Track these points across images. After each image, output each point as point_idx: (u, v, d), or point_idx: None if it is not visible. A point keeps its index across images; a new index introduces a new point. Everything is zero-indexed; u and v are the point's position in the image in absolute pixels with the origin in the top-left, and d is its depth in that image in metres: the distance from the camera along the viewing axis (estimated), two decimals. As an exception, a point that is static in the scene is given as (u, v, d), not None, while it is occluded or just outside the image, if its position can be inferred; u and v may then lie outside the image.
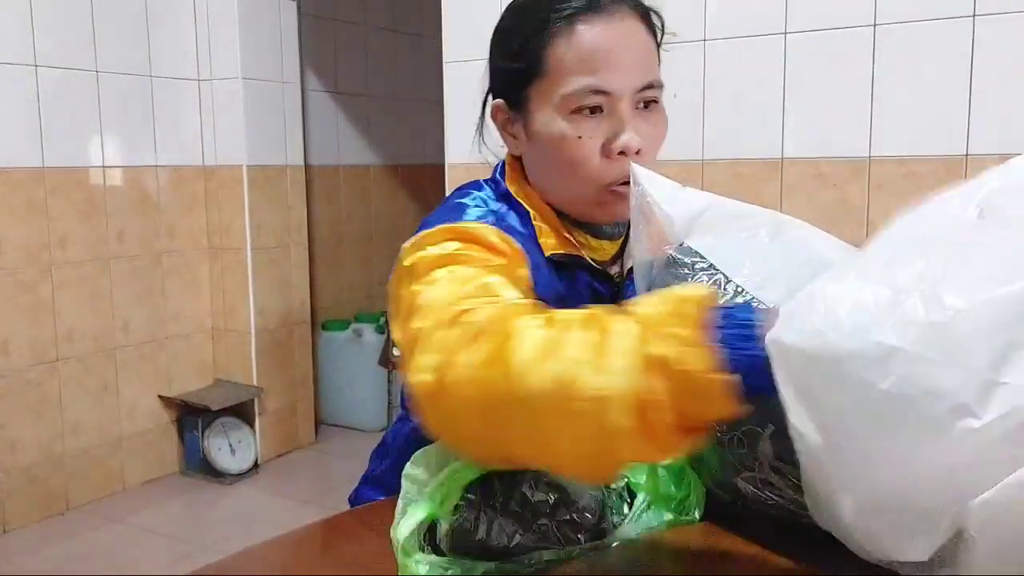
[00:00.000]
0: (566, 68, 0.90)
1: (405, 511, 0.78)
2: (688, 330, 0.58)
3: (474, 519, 0.75)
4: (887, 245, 0.74)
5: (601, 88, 0.90)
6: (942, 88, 1.97)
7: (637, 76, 0.91)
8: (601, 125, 0.91)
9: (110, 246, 3.17)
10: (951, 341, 0.59)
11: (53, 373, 3.01)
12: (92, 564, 2.67)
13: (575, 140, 0.91)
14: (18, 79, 2.84)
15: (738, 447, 0.73)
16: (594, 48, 0.90)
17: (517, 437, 0.63)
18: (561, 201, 0.98)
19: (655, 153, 0.96)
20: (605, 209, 0.95)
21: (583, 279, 0.99)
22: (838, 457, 0.66)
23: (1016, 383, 0.57)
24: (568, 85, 0.90)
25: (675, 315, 0.59)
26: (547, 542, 0.75)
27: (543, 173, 0.98)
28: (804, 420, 0.67)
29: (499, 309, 0.68)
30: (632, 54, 0.91)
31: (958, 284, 0.61)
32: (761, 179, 2.21)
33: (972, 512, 0.59)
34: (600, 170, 0.92)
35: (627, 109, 0.91)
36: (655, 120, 0.95)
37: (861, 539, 0.66)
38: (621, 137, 0.91)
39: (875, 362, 0.62)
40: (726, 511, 0.79)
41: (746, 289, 0.76)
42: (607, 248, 1.01)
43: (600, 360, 0.59)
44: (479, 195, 0.99)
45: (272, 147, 3.47)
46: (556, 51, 0.91)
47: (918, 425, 0.60)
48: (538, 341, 0.62)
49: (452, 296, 0.73)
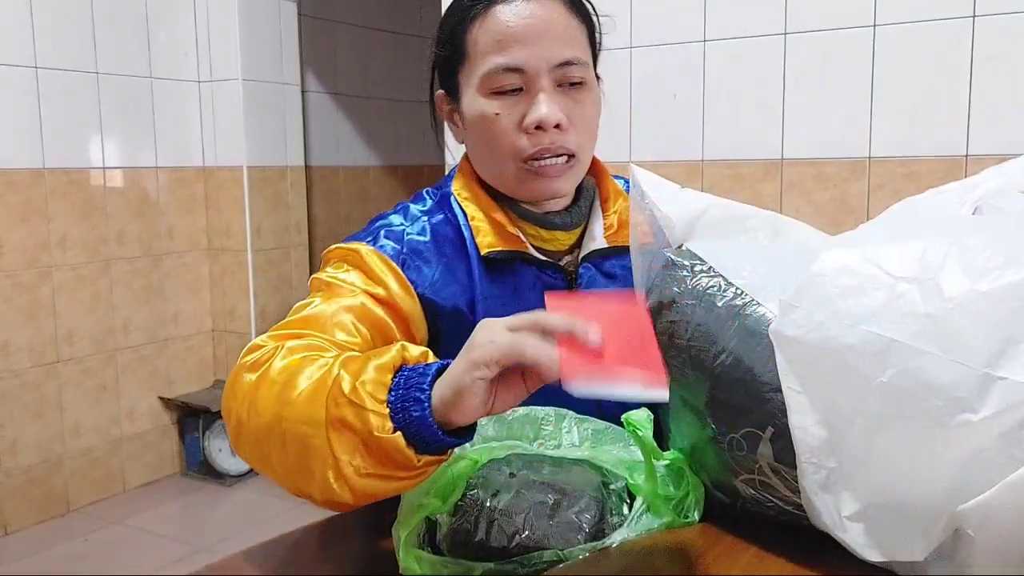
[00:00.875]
0: (482, 49, 0.92)
1: (408, 509, 0.78)
2: (371, 394, 0.68)
3: (474, 520, 0.75)
4: (888, 231, 0.74)
5: (513, 66, 0.90)
6: (942, 88, 1.97)
7: (552, 52, 0.90)
8: (519, 103, 0.92)
9: (110, 247, 3.17)
10: (949, 334, 0.59)
11: (53, 374, 3.01)
12: (92, 565, 2.67)
13: (493, 117, 0.92)
14: (18, 80, 2.84)
15: (737, 449, 0.73)
16: (507, 27, 0.90)
17: (272, 471, 0.76)
18: (494, 183, 0.98)
19: (588, 133, 0.96)
20: (526, 187, 0.95)
21: (528, 274, 0.97)
22: (837, 452, 0.66)
23: (1013, 378, 0.57)
24: (484, 65, 0.92)
25: (370, 380, 0.69)
26: (547, 543, 0.75)
27: (476, 156, 0.99)
28: (804, 414, 0.67)
29: (295, 361, 0.76)
30: (547, 32, 0.91)
31: (958, 274, 0.61)
32: (761, 179, 2.21)
33: (970, 511, 0.59)
34: (516, 146, 0.92)
35: (545, 85, 0.91)
36: (581, 98, 0.94)
37: (859, 538, 0.66)
38: (534, 110, 0.90)
39: (874, 355, 0.62)
40: (725, 512, 0.79)
41: (746, 292, 0.75)
42: (561, 239, 1.00)
43: (312, 413, 0.70)
44: (412, 207, 1.00)
45: (272, 148, 3.47)
46: (474, 34, 0.93)
47: (917, 418, 0.60)
48: (289, 390, 0.73)
49: (292, 325, 0.85)
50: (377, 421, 0.67)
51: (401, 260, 0.92)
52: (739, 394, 0.72)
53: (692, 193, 0.87)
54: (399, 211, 1.01)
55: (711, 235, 0.83)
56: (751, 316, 0.74)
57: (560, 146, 0.92)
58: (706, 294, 0.77)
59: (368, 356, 0.72)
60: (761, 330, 0.72)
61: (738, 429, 0.73)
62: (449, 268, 0.94)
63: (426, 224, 0.97)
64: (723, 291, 0.77)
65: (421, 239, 0.95)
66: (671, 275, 0.81)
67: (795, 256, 0.78)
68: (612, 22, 1.02)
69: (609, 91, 1.03)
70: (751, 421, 0.72)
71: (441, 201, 1.01)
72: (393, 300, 0.90)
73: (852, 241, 0.74)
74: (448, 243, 0.96)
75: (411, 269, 0.92)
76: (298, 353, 0.77)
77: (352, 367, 0.71)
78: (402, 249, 0.94)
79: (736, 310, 0.75)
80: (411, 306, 0.91)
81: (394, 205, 1.03)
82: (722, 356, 0.74)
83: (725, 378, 0.74)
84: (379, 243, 0.94)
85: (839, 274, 0.67)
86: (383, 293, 0.90)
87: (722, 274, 0.78)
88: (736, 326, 0.74)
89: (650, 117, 2.33)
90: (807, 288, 0.68)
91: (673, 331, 0.78)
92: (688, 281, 0.79)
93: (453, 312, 0.93)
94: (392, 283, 0.90)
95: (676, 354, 0.78)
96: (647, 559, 0.73)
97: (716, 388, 0.74)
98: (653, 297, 0.82)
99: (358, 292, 0.89)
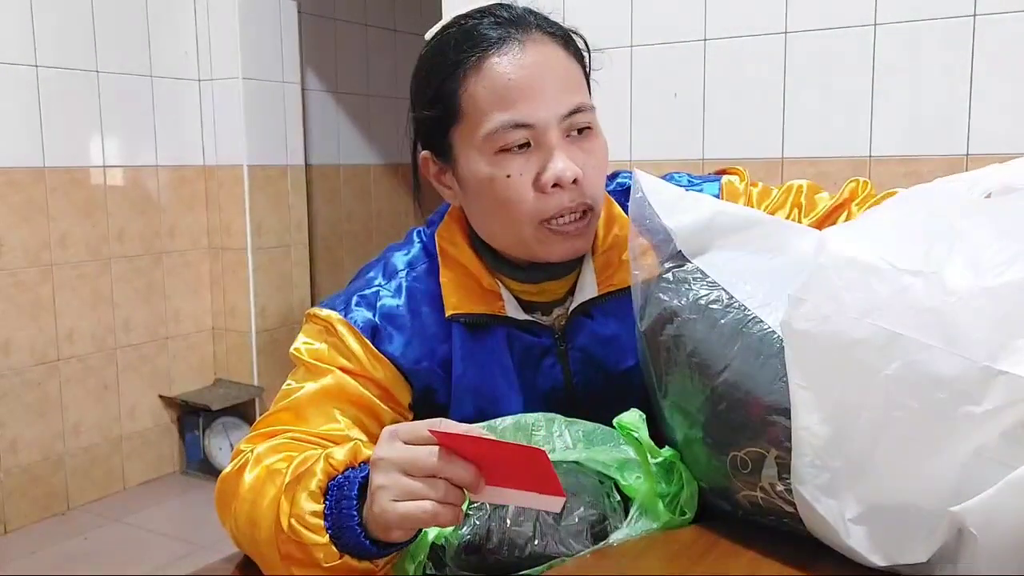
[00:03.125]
0: (482, 107, 0.84)
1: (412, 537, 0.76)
2: (309, 527, 0.72)
3: (485, 533, 0.74)
4: (896, 219, 0.74)
5: (522, 122, 0.83)
6: (942, 88, 1.97)
7: (560, 103, 0.84)
8: (530, 160, 0.85)
9: (110, 246, 3.17)
10: (952, 328, 0.60)
11: (53, 373, 3.01)
12: (92, 564, 2.67)
13: (504, 180, 0.85)
14: (19, 79, 2.84)
15: (741, 467, 0.73)
16: (508, 81, 0.83)
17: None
18: (506, 247, 0.91)
19: (599, 180, 0.90)
20: (548, 248, 0.88)
21: (504, 335, 0.92)
22: (842, 451, 0.66)
23: (1014, 372, 0.58)
24: (487, 124, 0.84)
25: (307, 513, 0.72)
26: (557, 548, 0.74)
27: (481, 220, 0.91)
28: (809, 412, 0.67)
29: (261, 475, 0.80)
30: (552, 81, 0.84)
31: (962, 268, 0.61)
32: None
33: (972, 509, 0.59)
34: (535, 208, 0.85)
35: (556, 139, 0.85)
36: (590, 146, 0.88)
37: (863, 542, 0.66)
38: (550, 168, 0.84)
39: (879, 348, 0.62)
40: (723, 515, 0.79)
41: (748, 307, 0.74)
42: (553, 288, 0.94)
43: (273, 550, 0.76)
44: (395, 257, 0.97)
45: (272, 147, 3.47)
46: (469, 90, 0.85)
47: (921, 411, 0.61)
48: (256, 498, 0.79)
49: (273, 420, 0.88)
50: (322, 553, 0.72)
51: (371, 331, 0.90)
52: (741, 413, 0.72)
53: (696, 198, 0.85)
54: (379, 264, 0.97)
55: (715, 245, 0.81)
56: (755, 334, 0.73)
57: (580, 203, 0.86)
58: (708, 308, 0.76)
59: (300, 478, 0.75)
60: (765, 349, 0.71)
61: (741, 448, 0.72)
62: (423, 331, 0.91)
63: (403, 282, 0.94)
64: (725, 306, 0.75)
65: (394, 303, 0.92)
66: (672, 287, 0.80)
67: (800, 268, 0.77)
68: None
69: (609, 91, 1.02)
70: (754, 441, 0.71)
71: (429, 243, 0.97)
72: (366, 371, 0.89)
73: (859, 230, 0.73)
74: (426, 300, 0.92)
75: (382, 340, 0.90)
76: (265, 460, 0.81)
77: (290, 493, 0.75)
78: (373, 316, 0.91)
79: (739, 327, 0.74)
80: (385, 375, 0.89)
81: (394, 204, 1.01)
82: (724, 374, 0.73)
83: (727, 396, 0.73)
84: (350, 313, 0.91)
85: (845, 267, 0.67)
86: (354, 367, 0.89)
87: (724, 288, 0.76)
88: (740, 345, 0.73)
89: (650, 116, 2.32)
90: (814, 281, 0.68)
91: (674, 345, 0.78)
92: (689, 293, 0.78)
93: (428, 375, 0.91)
94: (362, 355, 0.89)
95: (676, 368, 0.78)
96: (645, 560, 0.73)
97: (718, 405, 0.74)
98: (654, 308, 0.81)
99: (332, 370, 0.88)
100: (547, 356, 0.93)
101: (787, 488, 0.70)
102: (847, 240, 0.69)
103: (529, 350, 0.93)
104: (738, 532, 0.76)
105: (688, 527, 0.79)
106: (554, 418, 0.84)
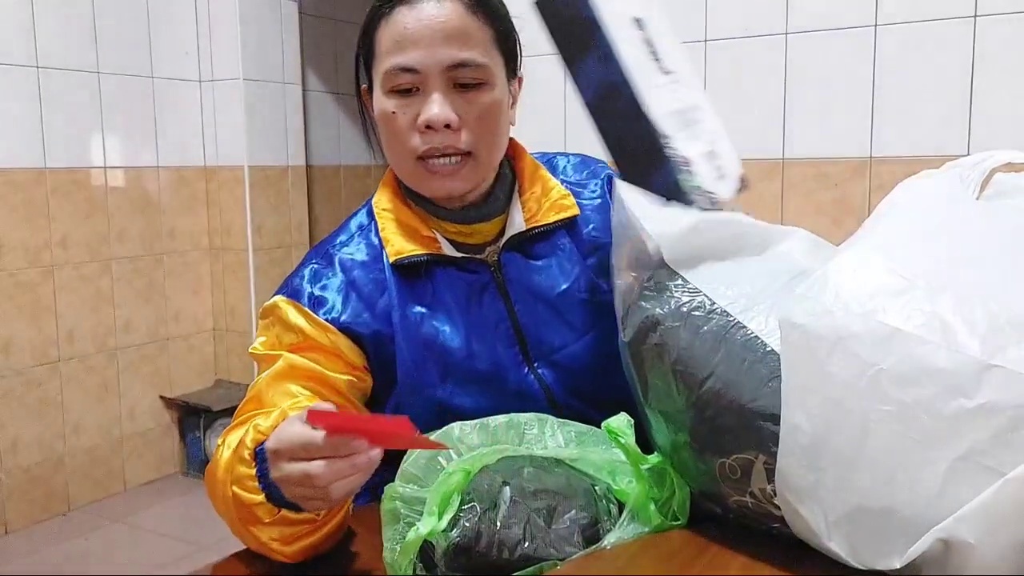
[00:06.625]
0: (384, 50, 0.95)
1: (400, 534, 0.76)
2: (248, 489, 0.80)
3: (475, 534, 0.74)
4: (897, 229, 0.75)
5: (407, 66, 0.93)
6: (943, 88, 1.97)
7: (446, 54, 0.93)
8: (413, 103, 0.94)
9: (111, 247, 3.17)
10: (951, 328, 0.62)
11: (54, 373, 3.02)
12: (92, 564, 2.67)
13: (391, 116, 0.95)
14: (20, 80, 2.85)
15: (731, 473, 0.73)
16: (404, 29, 0.93)
17: None
18: (401, 179, 1.01)
19: (482, 131, 0.96)
20: (425, 184, 0.97)
21: (445, 275, 0.99)
22: (828, 451, 0.66)
23: (1008, 366, 0.59)
24: (384, 65, 0.95)
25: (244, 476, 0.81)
26: (548, 551, 0.74)
27: (387, 154, 1.01)
28: (797, 409, 0.67)
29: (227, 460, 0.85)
30: (442, 33, 0.93)
31: (962, 287, 0.64)
32: (762, 179, 2.20)
33: (966, 518, 0.59)
34: (410, 144, 0.95)
35: (437, 86, 0.93)
36: (477, 99, 0.95)
37: (840, 545, 0.67)
38: (424, 111, 0.93)
39: (878, 342, 0.64)
40: (714, 518, 0.79)
41: (730, 312, 0.75)
42: (484, 230, 1.01)
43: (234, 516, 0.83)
44: (348, 225, 1.05)
45: (273, 147, 3.48)
46: (378, 34, 0.96)
47: (912, 407, 0.62)
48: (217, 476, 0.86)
49: (243, 410, 0.95)
50: (262, 511, 0.79)
51: (313, 301, 0.97)
52: (729, 420, 0.72)
53: (678, 209, 0.85)
54: (327, 239, 1.05)
55: (697, 251, 0.81)
56: (738, 340, 0.73)
57: (450, 146, 0.94)
58: (691, 315, 0.76)
59: (236, 449, 0.84)
60: (749, 355, 0.72)
61: (729, 455, 0.72)
62: (358, 293, 0.98)
63: (335, 252, 1.01)
64: (708, 313, 0.76)
65: (328, 272, 1.00)
66: (654, 295, 0.80)
67: (782, 272, 0.78)
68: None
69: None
70: (741, 448, 0.71)
71: (370, 211, 1.04)
72: (312, 341, 0.95)
73: (866, 244, 0.73)
74: (359, 264, 1.00)
75: (322, 308, 0.97)
76: (230, 448, 0.87)
77: (231, 465, 0.83)
78: (311, 288, 0.98)
79: (722, 333, 0.74)
80: (333, 341, 0.96)
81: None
82: (709, 381, 0.73)
83: (713, 403, 0.73)
84: (290, 290, 0.99)
85: (855, 271, 0.68)
86: (300, 340, 0.95)
87: (706, 294, 0.77)
88: (723, 351, 0.73)
89: (651, 117, 2.32)
90: (822, 281, 0.69)
91: (657, 354, 0.78)
92: (671, 301, 0.78)
93: (373, 331, 0.97)
94: (305, 325, 0.95)
95: (662, 376, 0.78)
96: (639, 562, 0.73)
97: (704, 412, 0.74)
98: (636, 317, 0.81)
99: (279, 354, 0.95)
100: (487, 291, 1.00)
101: (775, 492, 0.70)
102: (857, 253, 0.71)
103: (470, 286, 1.00)
104: (730, 535, 0.76)
105: (680, 529, 0.78)
106: (546, 418, 0.85)
